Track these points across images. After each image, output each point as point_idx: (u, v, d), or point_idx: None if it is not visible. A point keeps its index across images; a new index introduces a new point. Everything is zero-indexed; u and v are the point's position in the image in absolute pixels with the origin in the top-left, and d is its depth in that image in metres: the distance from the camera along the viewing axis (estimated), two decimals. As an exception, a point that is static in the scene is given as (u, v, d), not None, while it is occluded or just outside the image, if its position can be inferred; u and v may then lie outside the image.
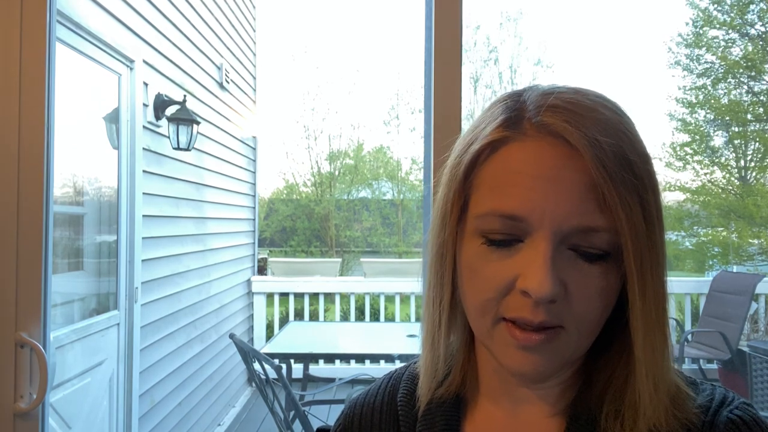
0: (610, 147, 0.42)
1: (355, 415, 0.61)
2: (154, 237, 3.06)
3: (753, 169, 10.65)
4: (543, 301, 0.43)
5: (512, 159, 0.44)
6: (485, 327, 0.47)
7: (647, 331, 0.45)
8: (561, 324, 0.44)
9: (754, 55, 9.84)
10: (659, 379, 0.45)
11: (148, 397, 2.92)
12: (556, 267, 0.43)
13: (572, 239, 0.43)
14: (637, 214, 0.42)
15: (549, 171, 0.43)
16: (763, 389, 3.34)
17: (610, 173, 0.41)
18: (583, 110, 0.44)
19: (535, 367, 0.45)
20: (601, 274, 0.44)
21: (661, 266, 0.45)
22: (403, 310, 5.56)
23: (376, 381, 0.64)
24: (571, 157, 0.42)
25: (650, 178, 0.44)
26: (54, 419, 2.12)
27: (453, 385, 0.56)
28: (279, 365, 2.81)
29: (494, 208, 0.44)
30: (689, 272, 10.86)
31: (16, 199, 1.16)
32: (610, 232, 0.43)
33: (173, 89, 3.31)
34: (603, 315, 0.45)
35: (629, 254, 0.43)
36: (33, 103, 1.16)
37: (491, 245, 0.45)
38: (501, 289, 0.45)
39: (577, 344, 0.46)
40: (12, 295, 1.16)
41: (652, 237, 0.44)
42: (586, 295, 0.44)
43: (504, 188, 0.44)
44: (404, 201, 14.48)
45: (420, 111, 14.39)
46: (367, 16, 20.63)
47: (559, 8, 17.16)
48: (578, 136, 0.42)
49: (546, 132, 0.44)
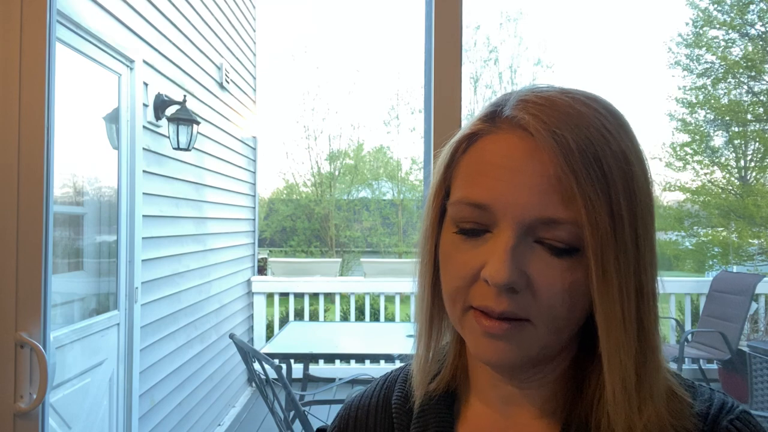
0: (576, 142, 0.42)
1: (350, 417, 0.61)
2: (154, 237, 3.06)
3: (753, 169, 10.65)
4: (500, 288, 0.43)
5: (485, 150, 0.46)
6: (456, 315, 0.48)
7: (610, 329, 0.44)
8: (527, 317, 0.44)
9: (754, 55, 9.84)
10: (629, 379, 0.44)
11: (148, 397, 2.92)
12: (518, 257, 0.43)
13: (537, 231, 0.44)
14: (600, 209, 0.42)
15: (515, 162, 0.44)
16: (763, 389, 3.34)
17: (571, 167, 0.42)
18: (556, 105, 0.44)
19: (500, 356, 0.45)
20: (567, 269, 0.44)
21: (632, 266, 0.44)
22: (403, 310, 5.56)
23: (372, 383, 0.65)
24: (536, 150, 0.43)
25: (624, 177, 0.43)
26: (54, 419, 2.12)
27: (444, 380, 0.56)
28: (279, 365, 2.81)
29: (464, 196, 0.46)
30: (689, 272, 10.86)
31: (16, 199, 1.16)
32: (575, 225, 0.43)
33: (173, 89, 3.31)
34: (572, 311, 0.45)
35: (589, 248, 0.43)
36: (33, 103, 1.16)
37: (463, 234, 0.47)
38: (468, 277, 0.46)
39: (545, 339, 0.45)
40: (12, 295, 1.16)
41: (620, 235, 0.43)
42: (551, 288, 0.44)
43: (474, 177, 0.46)
44: (404, 201, 14.49)
45: (420, 111, 14.40)
46: (367, 16, 20.64)
47: (559, 8, 17.17)
48: (541, 128, 0.43)
49: (516, 125, 0.45)
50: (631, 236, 0.44)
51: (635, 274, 0.44)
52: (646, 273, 0.45)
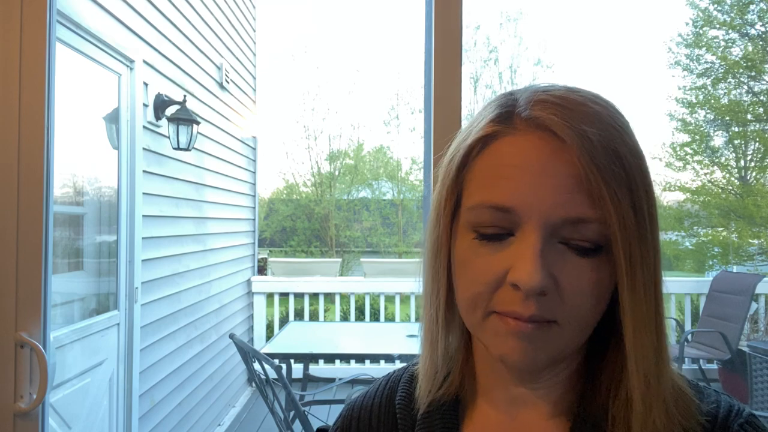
0: (599, 139, 0.42)
1: (353, 418, 0.61)
2: (154, 237, 3.06)
3: (753, 169, 10.65)
4: (532, 293, 0.42)
5: (502, 153, 0.45)
6: (476, 320, 0.47)
7: (637, 326, 0.44)
8: (554, 319, 0.44)
9: (754, 55, 9.84)
10: (651, 376, 0.45)
11: (148, 397, 2.92)
12: (546, 259, 0.43)
13: (562, 232, 0.43)
14: (626, 206, 0.42)
15: (538, 163, 0.43)
16: (763, 389, 3.34)
17: (598, 165, 0.42)
18: (572, 104, 0.44)
19: (526, 356, 0.44)
20: (593, 268, 0.43)
21: (652, 262, 0.44)
22: (403, 310, 5.56)
23: (374, 383, 0.64)
24: (560, 150, 0.43)
25: (642, 175, 0.44)
26: (54, 419, 2.12)
27: (452, 387, 0.55)
28: (279, 365, 2.81)
29: (484, 200, 0.45)
30: (689, 272, 10.86)
31: (16, 199, 1.16)
32: (600, 223, 0.42)
33: (173, 89, 3.31)
34: (596, 310, 0.45)
35: (618, 246, 0.43)
36: (33, 103, 1.16)
37: (482, 239, 0.45)
38: (491, 282, 0.45)
39: (570, 339, 0.45)
40: (12, 295, 1.16)
41: (642, 232, 0.43)
42: (578, 289, 0.43)
43: (494, 181, 0.45)
44: (404, 201, 14.49)
45: (420, 111, 14.39)
46: (367, 16, 20.64)
47: (559, 8, 17.17)
48: (566, 128, 0.42)
49: (535, 126, 0.44)
50: (651, 232, 0.44)
51: (655, 270, 0.45)
52: (660, 272, 0.45)
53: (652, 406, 0.45)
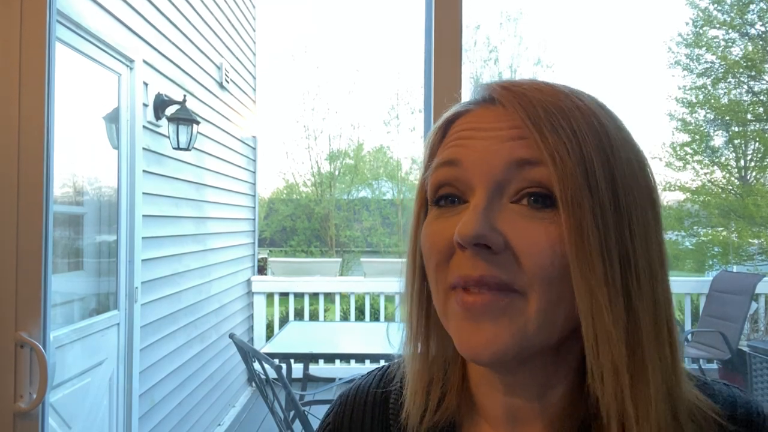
0: (542, 103, 0.43)
1: (345, 414, 0.59)
2: (154, 237, 3.06)
3: (753, 169, 10.66)
4: (469, 242, 0.40)
5: (456, 129, 0.47)
6: (441, 304, 0.45)
7: (591, 290, 0.40)
8: (513, 285, 0.41)
9: (754, 55, 9.85)
10: (617, 355, 0.40)
11: (148, 397, 2.92)
12: (491, 212, 0.42)
13: (512, 185, 0.42)
14: (566, 158, 0.40)
15: (484, 125, 0.45)
16: (763, 389, 3.34)
17: (535, 120, 0.42)
18: (527, 84, 0.45)
19: (486, 340, 0.41)
20: (550, 223, 0.41)
21: (612, 227, 0.40)
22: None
23: (366, 376, 0.61)
24: (504, 114, 0.44)
25: (596, 135, 0.42)
26: (54, 419, 2.12)
27: (449, 410, 0.51)
28: (279, 365, 2.81)
29: (437, 161, 0.47)
30: (689, 272, 10.86)
31: (16, 199, 1.16)
32: (546, 165, 0.41)
33: (173, 89, 3.31)
34: (562, 273, 0.40)
35: (560, 200, 0.40)
36: (33, 103, 1.16)
37: (440, 208, 0.46)
38: (443, 248, 0.44)
39: (538, 313, 0.41)
40: (12, 295, 1.16)
41: (595, 190, 0.40)
42: (533, 246, 0.40)
43: (446, 149, 0.47)
44: (404, 201, 14.48)
45: (420, 111, 14.38)
46: (367, 16, 20.64)
47: (559, 8, 17.17)
48: (507, 93, 0.44)
49: (483, 101, 0.47)
50: (608, 195, 0.41)
51: (618, 240, 0.40)
52: (633, 243, 0.41)
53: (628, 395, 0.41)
